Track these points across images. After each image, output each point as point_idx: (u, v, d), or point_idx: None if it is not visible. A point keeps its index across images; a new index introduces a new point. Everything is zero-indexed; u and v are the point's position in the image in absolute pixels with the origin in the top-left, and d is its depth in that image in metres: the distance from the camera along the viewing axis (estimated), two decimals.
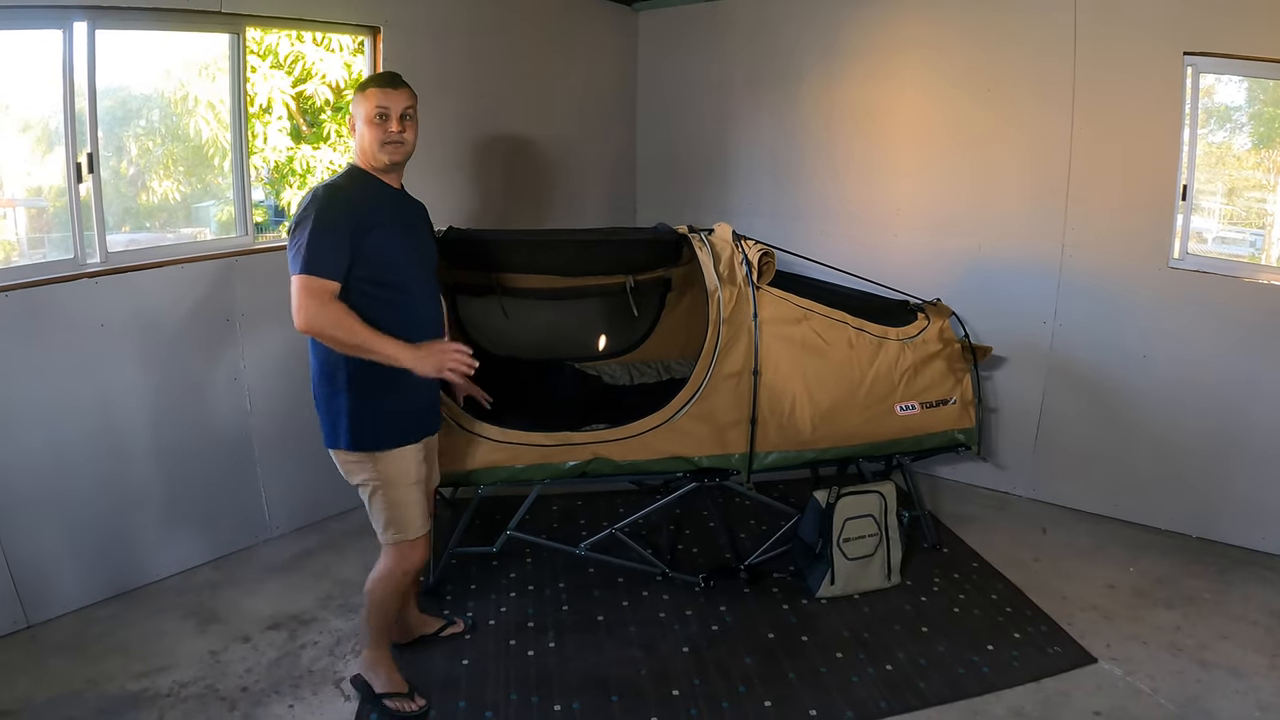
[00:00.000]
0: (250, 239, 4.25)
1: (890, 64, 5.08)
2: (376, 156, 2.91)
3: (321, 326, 2.71)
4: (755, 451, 3.83)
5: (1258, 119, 4.56)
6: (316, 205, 2.73)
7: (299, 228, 2.72)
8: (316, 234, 2.70)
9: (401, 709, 3.17)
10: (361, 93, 2.92)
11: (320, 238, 2.70)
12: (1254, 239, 4.67)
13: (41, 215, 3.92)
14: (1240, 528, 4.47)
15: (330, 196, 2.78)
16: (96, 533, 3.78)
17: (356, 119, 2.92)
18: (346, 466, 3.01)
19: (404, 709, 3.17)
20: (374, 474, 2.96)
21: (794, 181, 5.55)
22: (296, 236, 2.71)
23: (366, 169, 2.95)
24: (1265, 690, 3.34)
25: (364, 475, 2.98)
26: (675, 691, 3.31)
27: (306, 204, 2.75)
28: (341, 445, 2.94)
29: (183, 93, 4.20)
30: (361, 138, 2.91)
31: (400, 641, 3.49)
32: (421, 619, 3.59)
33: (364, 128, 2.89)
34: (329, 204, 2.75)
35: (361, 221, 2.78)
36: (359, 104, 2.91)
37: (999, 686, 3.36)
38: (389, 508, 3.01)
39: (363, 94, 2.91)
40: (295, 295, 2.68)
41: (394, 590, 3.13)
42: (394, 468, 2.97)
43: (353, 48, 5.06)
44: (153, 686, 3.28)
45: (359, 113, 2.91)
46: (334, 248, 2.72)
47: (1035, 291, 4.78)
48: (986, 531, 4.65)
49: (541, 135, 5.49)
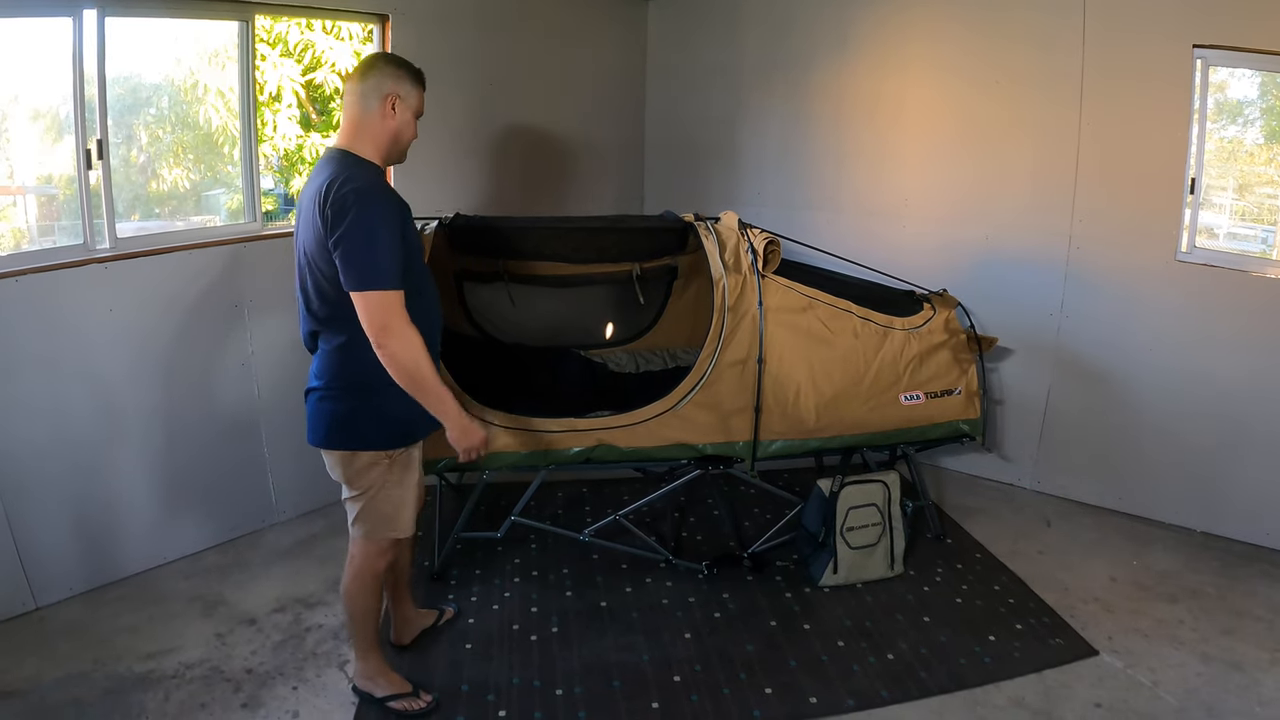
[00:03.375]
0: (259, 225, 4.26)
1: (899, 55, 5.07)
2: (403, 153, 2.83)
3: (415, 355, 2.61)
4: (759, 440, 3.84)
5: (1270, 113, 4.53)
6: (379, 209, 2.57)
7: (366, 233, 2.53)
8: (392, 243, 2.57)
9: (409, 709, 3.12)
10: (414, 84, 2.78)
11: (395, 247, 2.58)
12: (1265, 235, 4.65)
13: (52, 202, 3.94)
14: (1245, 523, 4.46)
15: (384, 198, 2.62)
16: (104, 516, 3.81)
17: (403, 108, 2.75)
18: (355, 468, 2.85)
19: (412, 708, 3.12)
20: (386, 473, 2.87)
21: (802, 171, 5.54)
22: (363, 244, 2.53)
23: (379, 162, 2.76)
24: (1266, 685, 3.34)
25: (375, 474, 2.86)
26: (677, 678, 3.33)
27: (361, 203, 2.53)
28: (357, 446, 2.82)
29: (193, 81, 4.22)
30: (401, 129, 2.76)
31: (403, 643, 3.48)
32: (419, 614, 3.59)
33: (409, 121, 2.78)
34: (387, 206, 2.61)
35: (404, 221, 2.70)
36: (412, 96, 2.77)
37: (1000, 677, 3.37)
38: (391, 506, 2.93)
39: (415, 86, 2.78)
40: (385, 315, 2.56)
41: (371, 591, 3.05)
42: (405, 466, 2.92)
43: (362, 36, 5.08)
44: (159, 668, 3.32)
45: (410, 104, 2.77)
46: (399, 256, 2.60)
47: (1042, 283, 4.77)
48: (990, 523, 4.65)
49: (550, 123, 5.49)
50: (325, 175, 2.60)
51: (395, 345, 2.57)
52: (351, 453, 2.83)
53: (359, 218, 2.52)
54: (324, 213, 2.54)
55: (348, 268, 2.54)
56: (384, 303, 2.55)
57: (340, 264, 2.55)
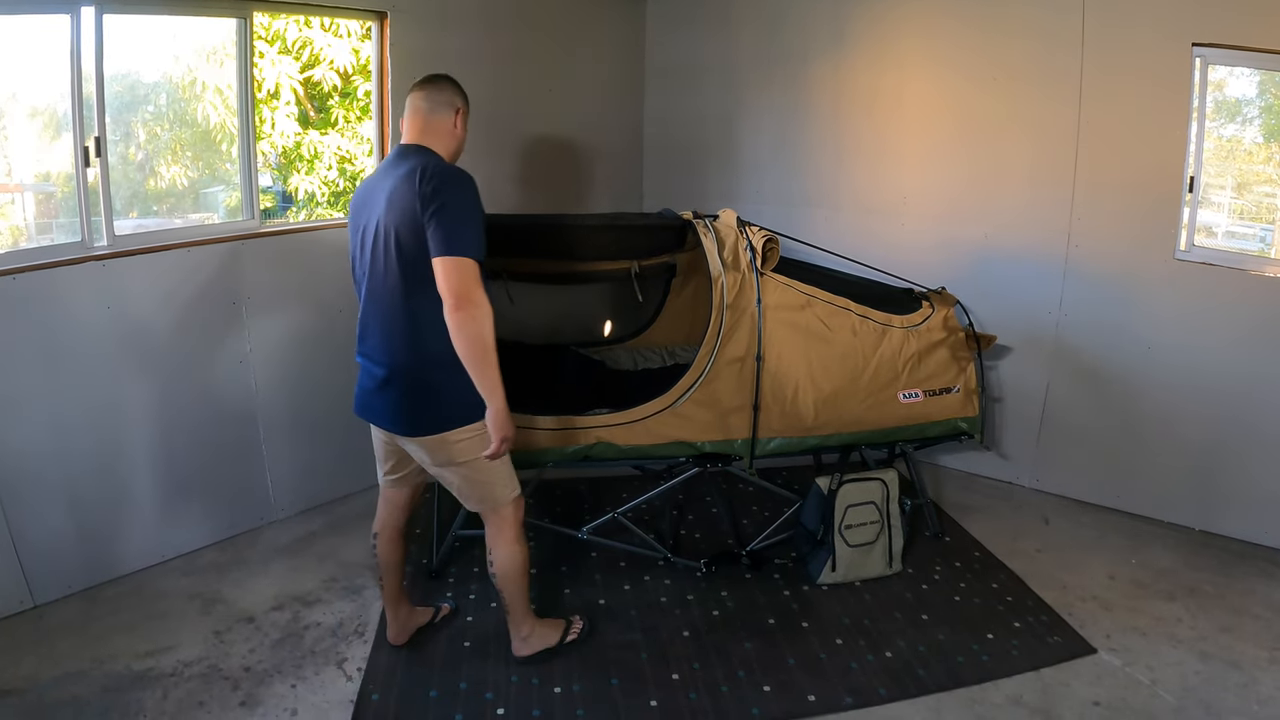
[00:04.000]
0: (257, 223, 4.26)
1: (897, 52, 5.07)
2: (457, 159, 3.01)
3: (487, 326, 2.74)
4: (758, 437, 3.84)
5: (1268, 112, 4.53)
6: (474, 192, 2.78)
7: (463, 206, 2.73)
8: (482, 223, 2.77)
9: (576, 635, 3.49)
10: (467, 105, 3.04)
11: (483, 228, 2.77)
12: (1263, 234, 4.65)
13: (49, 200, 3.94)
14: (1243, 521, 4.46)
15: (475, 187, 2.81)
16: (102, 514, 3.81)
17: (463, 122, 3.02)
18: (457, 445, 2.95)
19: (577, 633, 3.49)
20: (481, 443, 2.94)
21: (800, 169, 5.53)
22: (460, 215, 2.72)
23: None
24: (1264, 684, 3.35)
25: (475, 446, 2.95)
26: (675, 675, 3.33)
27: (460, 184, 2.76)
28: (457, 423, 2.92)
29: (191, 78, 4.21)
30: (463, 139, 3.04)
31: (400, 642, 3.48)
32: (416, 612, 3.59)
33: (465, 134, 3.04)
34: (478, 194, 2.80)
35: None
36: (466, 114, 3.04)
37: (998, 675, 3.37)
38: (500, 467, 3.07)
39: (467, 106, 3.04)
40: (468, 281, 2.69)
41: (524, 554, 3.20)
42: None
43: (360, 33, 5.07)
44: (157, 666, 3.32)
45: (466, 120, 3.04)
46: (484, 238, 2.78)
47: (1041, 281, 4.77)
48: (989, 521, 4.65)
49: (547, 121, 5.48)
50: (415, 161, 2.79)
51: (472, 312, 2.69)
52: (463, 428, 2.93)
53: (458, 194, 2.74)
54: (423, 188, 2.70)
55: (442, 233, 2.68)
56: (470, 270, 2.69)
57: (434, 231, 2.69)
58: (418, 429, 2.93)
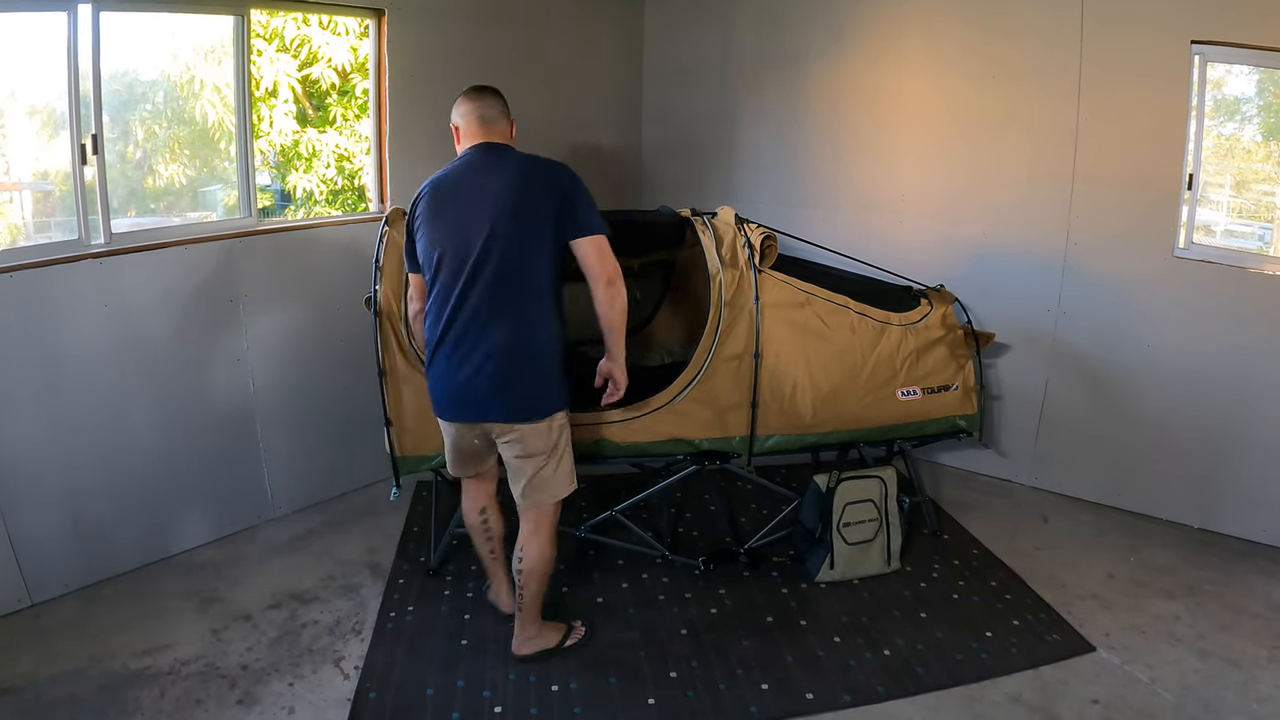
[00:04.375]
0: (254, 220, 4.26)
1: (896, 50, 5.06)
2: None
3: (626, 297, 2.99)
4: (756, 435, 3.84)
5: (1267, 110, 4.53)
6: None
7: (585, 189, 2.97)
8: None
9: (579, 640, 3.50)
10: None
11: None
12: (1262, 232, 4.64)
13: (48, 199, 3.93)
14: (1242, 519, 4.45)
15: None
16: (100, 512, 3.81)
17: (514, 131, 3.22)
18: (555, 429, 3.10)
19: (578, 640, 3.50)
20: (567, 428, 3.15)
21: (799, 166, 5.53)
22: (589, 200, 2.96)
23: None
24: (1264, 682, 3.34)
25: (566, 431, 3.16)
26: (673, 674, 3.33)
27: (570, 169, 2.99)
28: (559, 406, 3.10)
29: (189, 76, 4.20)
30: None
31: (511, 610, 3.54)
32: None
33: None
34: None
35: None
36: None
37: (997, 673, 3.37)
38: (571, 459, 3.21)
39: None
40: (611, 255, 2.95)
41: (552, 554, 3.27)
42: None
43: (359, 31, 5.06)
44: (154, 664, 3.32)
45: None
46: None
47: (1039, 279, 4.76)
48: (987, 519, 4.65)
49: (546, 119, 5.46)
50: (515, 157, 3.01)
51: (620, 284, 2.95)
52: (554, 416, 3.08)
53: (576, 178, 2.97)
54: (547, 180, 2.93)
55: (583, 215, 2.91)
56: (609, 247, 2.93)
57: (573, 216, 2.90)
58: (532, 415, 3.02)
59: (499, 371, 2.93)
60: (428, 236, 2.97)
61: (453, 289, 2.93)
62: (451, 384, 3.00)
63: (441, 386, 3.04)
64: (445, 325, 2.96)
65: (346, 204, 5.57)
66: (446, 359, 2.99)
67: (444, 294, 2.95)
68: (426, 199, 3.01)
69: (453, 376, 2.99)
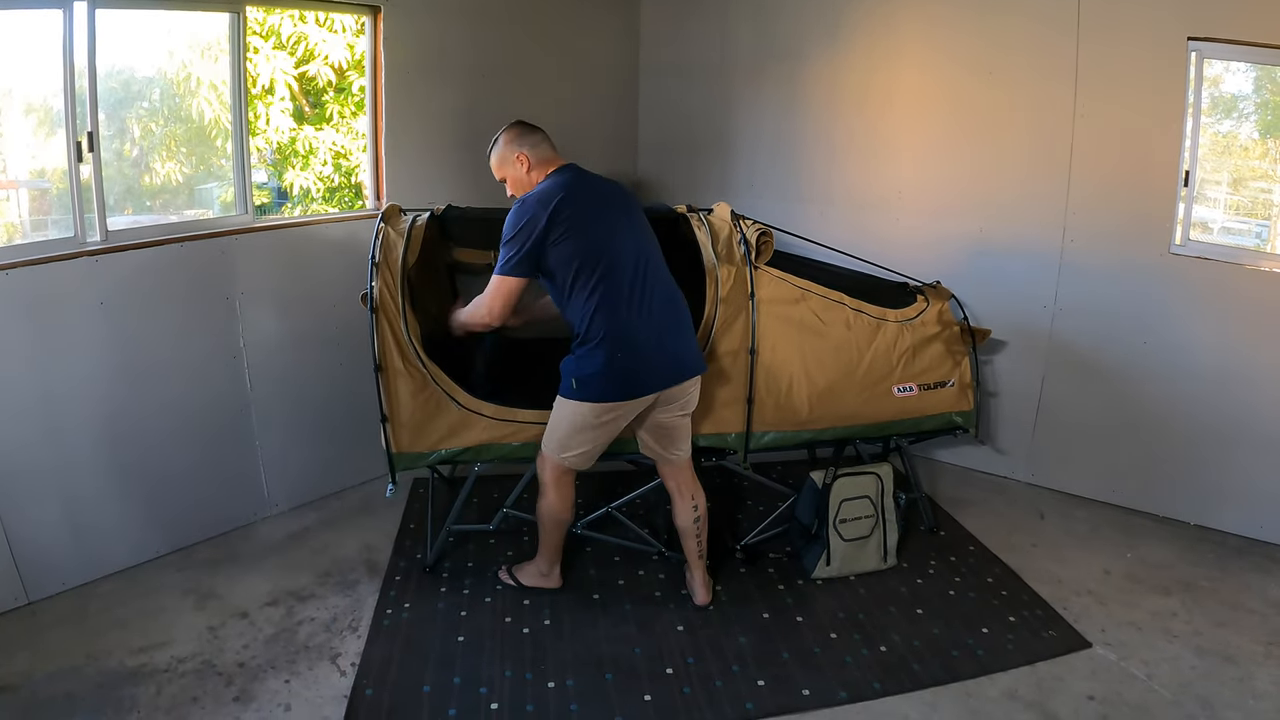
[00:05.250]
0: (250, 217, 4.25)
1: (892, 45, 5.06)
2: None
3: None
4: (752, 431, 3.84)
5: (1264, 108, 4.53)
6: None
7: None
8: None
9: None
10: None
11: None
12: (1259, 230, 4.64)
13: (44, 197, 3.93)
14: (1239, 516, 4.46)
15: None
16: (96, 510, 3.80)
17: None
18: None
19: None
20: None
21: (795, 163, 5.52)
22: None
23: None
24: (1260, 679, 3.34)
25: None
26: (669, 670, 3.33)
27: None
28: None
29: (185, 74, 4.20)
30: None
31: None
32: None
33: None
34: None
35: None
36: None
37: (993, 669, 3.37)
38: None
39: None
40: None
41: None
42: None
43: (355, 29, 5.05)
44: (151, 662, 3.31)
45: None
46: None
47: (1036, 275, 4.76)
48: (984, 515, 4.65)
49: (541, 115, 5.37)
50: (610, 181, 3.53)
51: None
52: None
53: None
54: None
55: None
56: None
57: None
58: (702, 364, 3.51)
59: (690, 334, 3.45)
60: (589, 243, 3.23)
61: (636, 279, 3.27)
62: (669, 352, 3.36)
63: (658, 358, 3.33)
64: (642, 308, 3.27)
65: (344, 201, 5.57)
66: (658, 334, 3.32)
67: (628, 285, 3.26)
68: (570, 214, 3.23)
69: (669, 345, 3.36)
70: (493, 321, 3.37)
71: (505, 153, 3.45)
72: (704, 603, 3.74)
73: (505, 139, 3.46)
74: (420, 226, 3.79)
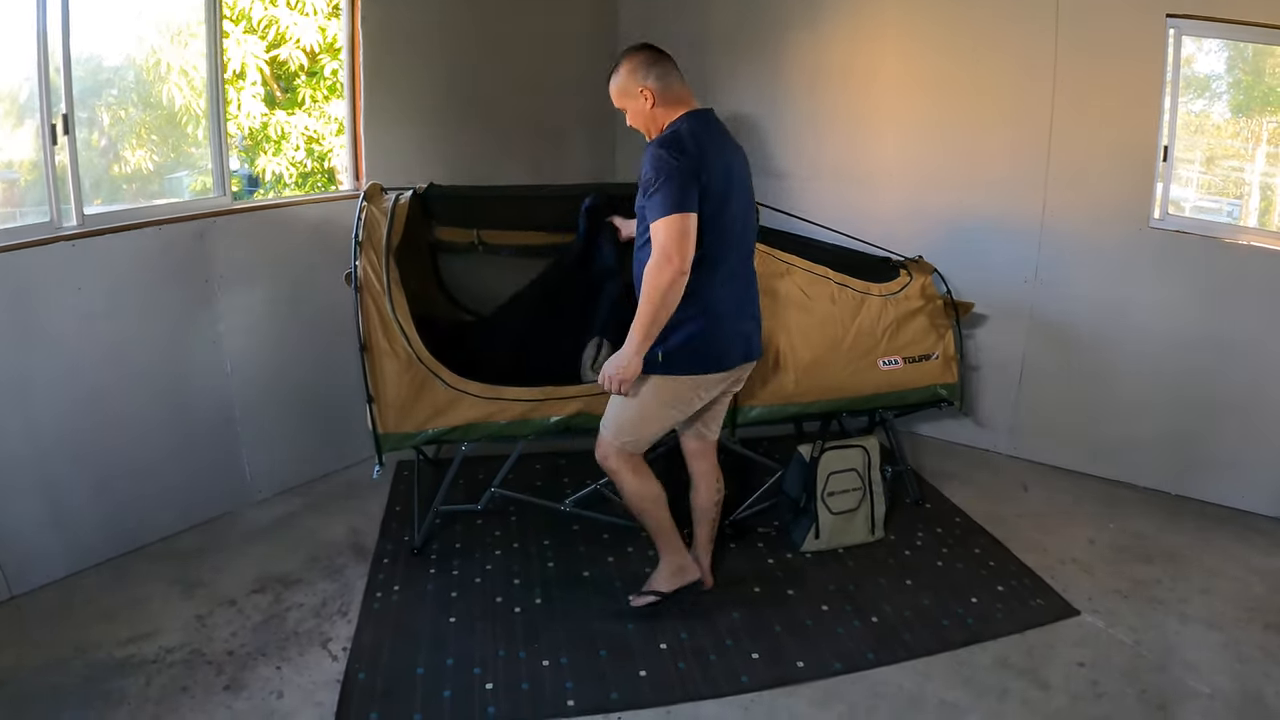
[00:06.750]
0: (228, 199, 4.19)
1: (873, 23, 5.06)
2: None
3: None
4: (739, 405, 3.85)
5: (1236, 87, 4.57)
6: None
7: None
8: None
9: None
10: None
11: None
12: (1231, 208, 4.70)
13: (13, 188, 3.84)
14: (1218, 485, 4.52)
15: None
16: (78, 501, 3.73)
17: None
18: None
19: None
20: None
21: (777, 139, 5.51)
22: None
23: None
24: (1245, 643, 3.39)
25: None
26: (663, 645, 3.33)
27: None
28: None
29: (155, 59, 4.12)
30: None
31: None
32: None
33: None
34: None
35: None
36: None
37: (984, 638, 3.40)
38: None
39: None
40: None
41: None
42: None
43: (327, 11, 5.00)
44: (139, 653, 3.27)
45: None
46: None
47: (1016, 249, 4.80)
48: (968, 487, 4.68)
49: (522, 93, 5.42)
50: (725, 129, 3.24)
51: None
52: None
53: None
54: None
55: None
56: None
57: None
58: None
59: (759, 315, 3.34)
60: (713, 206, 2.96)
61: (741, 245, 3.17)
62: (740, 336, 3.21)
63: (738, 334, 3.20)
64: (742, 276, 3.19)
65: (316, 186, 5.52)
66: (739, 303, 3.18)
67: (734, 249, 3.12)
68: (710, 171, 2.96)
69: (747, 320, 3.24)
70: (685, 267, 2.88)
71: (627, 84, 3.19)
72: (710, 586, 3.68)
73: (627, 68, 3.19)
74: (404, 205, 3.76)
